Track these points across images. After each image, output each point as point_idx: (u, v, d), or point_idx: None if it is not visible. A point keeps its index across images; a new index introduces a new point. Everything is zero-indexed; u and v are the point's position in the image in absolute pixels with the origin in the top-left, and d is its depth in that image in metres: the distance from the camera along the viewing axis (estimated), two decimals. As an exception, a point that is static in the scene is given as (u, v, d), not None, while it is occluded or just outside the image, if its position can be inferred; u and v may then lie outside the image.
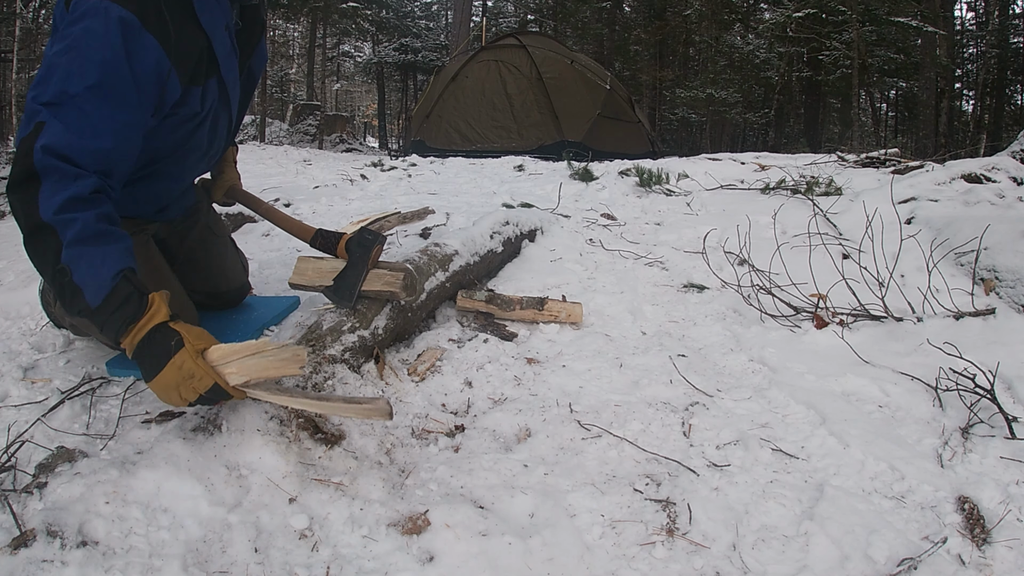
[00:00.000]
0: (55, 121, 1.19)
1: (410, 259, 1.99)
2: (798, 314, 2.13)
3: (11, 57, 11.67)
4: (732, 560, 1.15)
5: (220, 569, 1.06)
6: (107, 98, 1.23)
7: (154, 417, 1.52)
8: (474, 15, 15.77)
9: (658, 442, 1.47)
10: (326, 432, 1.36)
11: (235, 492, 1.18)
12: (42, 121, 1.19)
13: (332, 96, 26.36)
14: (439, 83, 8.93)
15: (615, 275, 2.50)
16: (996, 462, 1.37)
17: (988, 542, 1.17)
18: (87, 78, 1.21)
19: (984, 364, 1.64)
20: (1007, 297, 2.13)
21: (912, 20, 10.64)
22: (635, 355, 1.89)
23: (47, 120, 1.19)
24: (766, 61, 14.44)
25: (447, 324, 2.03)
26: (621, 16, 17.04)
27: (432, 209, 3.22)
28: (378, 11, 16.94)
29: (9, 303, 2.14)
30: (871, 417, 1.57)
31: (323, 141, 14.17)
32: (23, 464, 1.30)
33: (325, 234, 1.79)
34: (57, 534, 1.04)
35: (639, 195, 3.82)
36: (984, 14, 17.36)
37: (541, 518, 1.21)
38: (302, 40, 21.60)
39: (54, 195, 1.17)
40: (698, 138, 16.27)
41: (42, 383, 1.68)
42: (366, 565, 1.10)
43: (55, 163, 1.18)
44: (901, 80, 16.23)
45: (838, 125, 18.59)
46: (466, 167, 5.56)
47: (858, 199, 3.00)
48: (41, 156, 1.17)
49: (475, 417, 1.57)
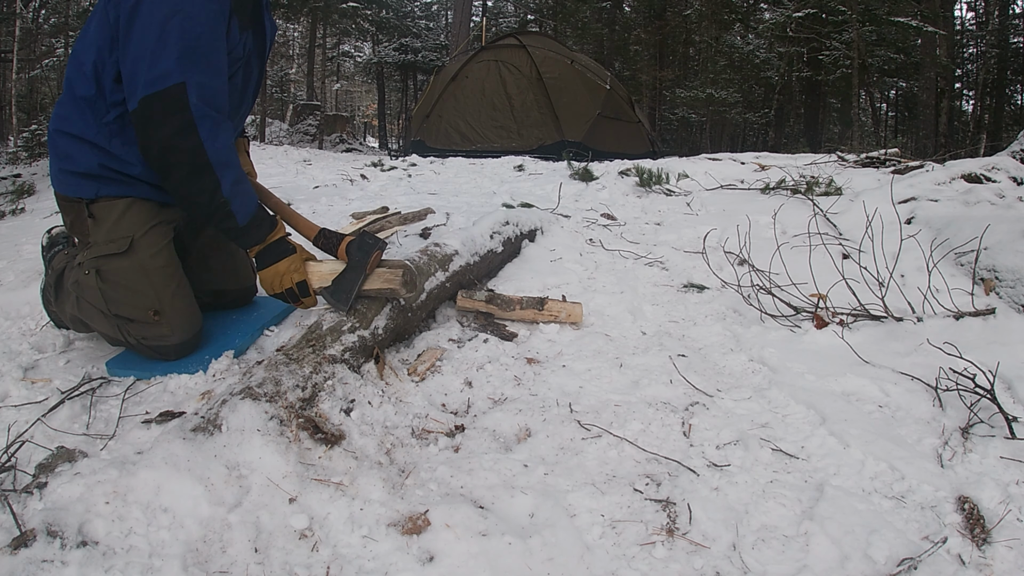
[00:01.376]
0: (195, 74, 1.45)
1: (410, 259, 1.99)
2: (798, 314, 2.13)
3: (11, 57, 11.67)
4: (732, 560, 1.15)
5: (220, 569, 1.06)
6: (219, 48, 1.51)
7: (154, 417, 1.52)
8: (474, 15, 15.78)
9: (658, 442, 1.47)
10: (326, 432, 1.36)
11: (235, 492, 1.18)
12: (183, 82, 1.44)
13: (332, 96, 26.36)
14: (439, 83, 8.93)
15: (615, 275, 2.50)
16: (996, 462, 1.37)
17: (988, 542, 1.17)
18: (203, 35, 1.46)
19: (984, 364, 1.64)
20: (1007, 297, 2.13)
21: (912, 20, 10.64)
22: (635, 355, 1.89)
23: (188, 77, 1.44)
24: (766, 61, 14.44)
25: (447, 324, 2.03)
26: (621, 16, 17.03)
27: (432, 209, 3.22)
28: (378, 11, 16.93)
29: (9, 303, 2.14)
30: (871, 417, 1.57)
31: (323, 141, 14.18)
32: (23, 464, 1.30)
33: (328, 234, 1.79)
34: (57, 534, 1.04)
35: (639, 195, 3.82)
36: (984, 14, 17.36)
37: (541, 518, 1.21)
38: (302, 40, 21.59)
39: (216, 140, 1.50)
40: (698, 138, 16.27)
41: (42, 383, 1.68)
42: (366, 565, 1.10)
43: (207, 111, 1.48)
44: (901, 80, 16.25)
45: (838, 125, 18.59)
46: (466, 167, 5.56)
47: (858, 199, 3.01)
48: (199, 105, 1.46)
49: (475, 417, 1.57)
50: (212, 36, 1.49)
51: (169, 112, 1.45)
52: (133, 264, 1.67)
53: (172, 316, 1.69)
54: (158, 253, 1.70)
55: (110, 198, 1.67)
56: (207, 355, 1.77)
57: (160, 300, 1.68)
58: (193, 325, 1.75)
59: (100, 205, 1.68)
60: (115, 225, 1.67)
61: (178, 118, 1.45)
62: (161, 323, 1.68)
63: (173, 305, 1.70)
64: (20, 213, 4.81)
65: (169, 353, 1.72)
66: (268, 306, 2.10)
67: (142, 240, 1.68)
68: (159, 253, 1.70)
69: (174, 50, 1.43)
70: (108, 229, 1.67)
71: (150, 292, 1.68)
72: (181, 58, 1.44)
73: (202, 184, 1.52)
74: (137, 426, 1.50)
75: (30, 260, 2.54)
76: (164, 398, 1.62)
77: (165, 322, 1.68)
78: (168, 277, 1.71)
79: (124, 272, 1.67)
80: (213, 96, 1.51)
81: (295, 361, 1.48)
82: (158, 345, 1.71)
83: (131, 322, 1.69)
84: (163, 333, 1.69)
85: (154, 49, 1.43)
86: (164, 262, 1.71)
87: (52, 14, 13.54)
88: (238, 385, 1.38)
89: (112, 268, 1.67)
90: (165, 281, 1.70)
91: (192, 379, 1.69)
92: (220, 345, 1.83)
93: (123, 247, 1.66)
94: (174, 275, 1.73)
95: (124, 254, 1.67)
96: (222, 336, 1.89)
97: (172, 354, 1.73)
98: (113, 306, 1.68)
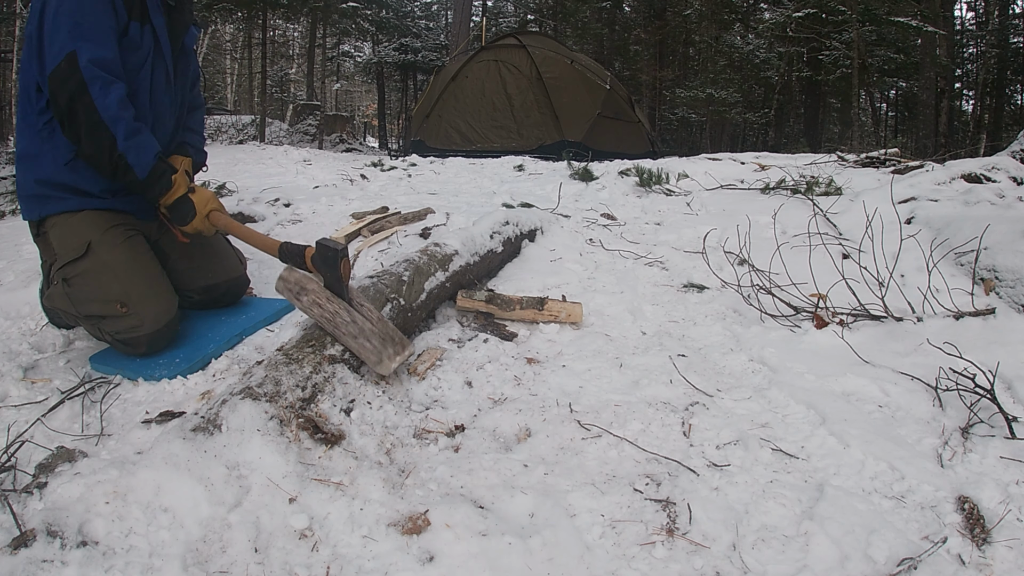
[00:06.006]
0: (84, 43, 1.58)
1: (410, 259, 1.99)
2: (798, 314, 2.13)
3: (11, 57, 11.67)
4: (732, 560, 1.15)
5: (220, 569, 1.06)
6: (105, 24, 1.63)
7: (154, 417, 1.52)
8: (474, 15, 15.76)
9: (658, 442, 1.47)
10: (326, 432, 1.36)
11: (235, 492, 1.18)
12: (74, 50, 1.57)
13: (332, 96, 26.34)
14: (439, 83, 8.92)
15: (615, 275, 2.50)
16: (996, 462, 1.37)
17: (988, 542, 1.17)
18: (87, 10, 1.60)
19: (984, 364, 1.64)
20: (1007, 297, 2.12)
21: (912, 20, 10.63)
22: (635, 355, 1.89)
23: (78, 46, 1.57)
24: (766, 61, 14.43)
25: (447, 324, 2.03)
26: (621, 16, 17.01)
27: (432, 209, 3.22)
28: (378, 11, 16.92)
29: (9, 303, 2.14)
30: (871, 417, 1.57)
31: (323, 141, 14.17)
32: (23, 464, 1.30)
33: (290, 247, 1.70)
34: (57, 534, 1.04)
35: (639, 195, 3.82)
36: (984, 14, 17.35)
37: (541, 518, 1.21)
38: (302, 40, 21.58)
39: (106, 98, 1.60)
40: (698, 138, 16.27)
41: (42, 383, 1.68)
42: (366, 565, 1.10)
43: (99, 72, 1.60)
44: (901, 80, 16.23)
45: (838, 125, 18.58)
46: (466, 167, 5.56)
47: (858, 199, 3.00)
48: (88, 67, 1.58)
49: (475, 417, 1.57)
50: (96, 12, 1.63)
51: (65, 78, 1.58)
52: (94, 262, 1.73)
53: (139, 306, 1.71)
54: (119, 249, 1.75)
55: (55, 216, 1.77)
56: (177, 358, 1.75)
57: (126, 292, 1.71)
58: (164, 315, 1.75)
59: (52, 224, 1.78)
60: (72, 235, 1.75)
61: (72, 81, 1.58)
62: (130, 314, 1.70)
63: (140, 295, 1.72)
64: (20, 213, 4.80)
65: (140, 345, 1.73)
66: (259, 308, 2.08)
67: (100, 240, 1.74)
68: (120, 249, 1.75)
69: (64, 27, 1.59)
70: (66, 241, 1.75)
71: (114, 285, 1.71)
72: (71, 31, 1.59)
73: (100, 141, 1.62)
74: (137, 426, 1.50)
75: (30, 260, 2.54)
76: (164, 398, 1.62)
77: (133, 313, 1.70)
78: (132, 270, 1.74)
79: (86, 272, 1.72)
80: (103, 62, 1.63)
81: (295, 361, 1.48)
82: (129, 338, 1.72)
83: (103, 319, 1.72)
84: (133, 324, 1.71)
85: (51, 33, 1.60)
86: (126, 256, 1.75)
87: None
88: (238, 385, 1.39)
89: (75, 272, 1.73)
90: (129, 274, 1.73)
91: (193, 379, 1.69)
92: (193, 349, 1.79)
93: (81, 251, 1.73)
94: (139, 268, 1.76)
95: (83, 257, 1.73)
96: (216, 336, 1.88)
97: (143, 346, 1.73)
98: (81, 306, 1.72)
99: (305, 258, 1.65)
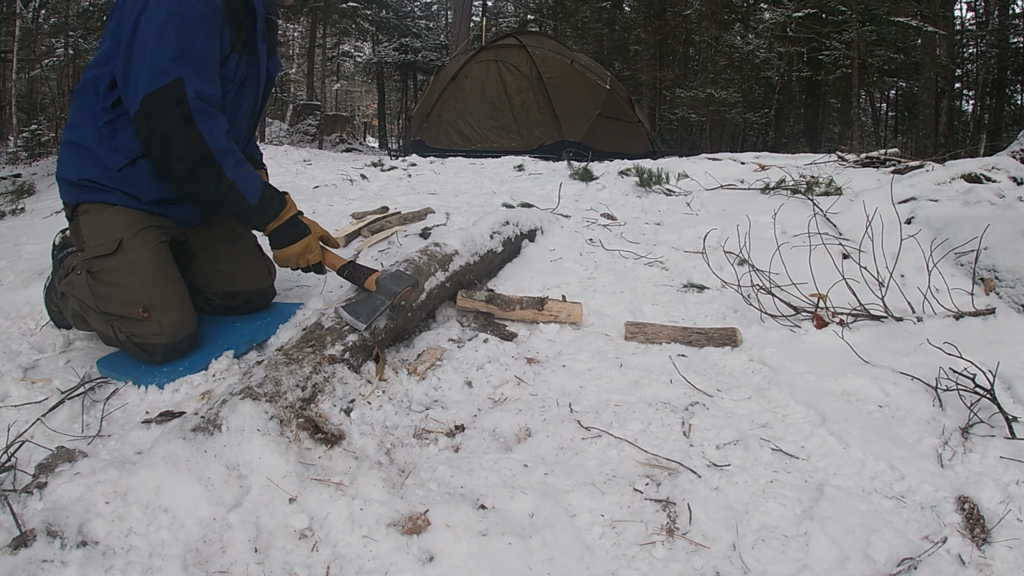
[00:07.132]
0: (191, 73, 1.54)
1: (410, 259, 1.99)
2: (798, 314, 2.13)
3: (11, 57, 11.68)
4: (732, 560, 1.15)
5: (220, 569, 1.06)
6: (211, 51, 1.59)
7: (154, 417, 1.52)
8: (474, 15, 15.77)
9: (658, 442, 1.47)
10: (326, 432, 1.36)
11: (235, 492, 1.18)
12: (181, 77, 1.52)
13: (332, 96, 26.35)
14: (439, 83, 8.93)
15: (615, 275, 2.50)
16: (996, 462, 1.37)
17: (988, 542, 1.17)
18: (197, 38, 1.55)
19: (984, 364, 1.64)
20: (1007, 297, 2.12)
21: (912, 20, 10.64)
22: (635, 355, 1.89)
23: (184, 74, 1.52)
24: (766, 61, 14.43)
25: (447, 324, 2.03)
26: (621, 16, 17.02)
27: (432, 209, 3.22)
28: (378, 11, 16.93)
29: (9, 303, 2.14)
30: (871, 417, 1.57)
31: (323, 141, 14.17)
32: (23, 464, 1.30)
33: (356, 267, 1.81)
34: (57, 534, 1.04)
35: (639, 195, 3.82)
36: (984, 14, 17.36)
37: (541, 518, 1.21)
38: (302, 40, 21.59)
39: (214, 130, 1.58)
40: (698, 138, 16.28)
41: (42, 383, 1.68)
42: (366, 565, 1.10)
43: (203, 105, 1.56)
44: (901, 80, 16.25)
45: (838, 125, 18.59)
46: (466, 167, 5.56)
47: (858, 199, 3.00)
48: (195, 100, 1.54)
49: (475, 417, 1.57)
50: (205, 39, 1.58)
51: (169, 106, 1.52)
52: (123, 262, 1.70)
53: (162, 314, 1.69)
54: (148, 252, 1.73)
55: (90, 204, 1.74)
56: (181, 367, 1.72)
57: (150, 297, 1.68)
58: (184, 328, 1.72)
59: (84, 210, 1.75)
60: (104, 229, 1.72)
61: (177, 111, 1.53)
62: (151, 320, 1.68)
63: (164, 303, 1.69)
64: (20, 213, 4.81)
65: (157, 353, 1.70)
66: (273, 315, 2.01)
67: (131, 241, 1.72)
68: (149, 252, 1.73)
69: (171, 50, 1.52)
70: (97, 233, 1.72)
71: (140, 288, 1.69)
72: (177, 57, 1.52)
73: (206, 173, 1.59)
74: (137, 426, 1.50)
75: (30, 260, 2.54)
76: (164, 398, 1.62)
77: (155, 320, 1.68)
78: (159, 276, 1.72)
79: (113, 270, 1.70)
80: (210, 98, 1.59)
81: (295, 361, 1.48)
82: (146, 343, 1.69)
83: (121, 319, 1.70)
84: (152, 331, 1.68)
85: (153, 51, 1.52)
86: (154, 261, 1.73)
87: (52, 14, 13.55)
88: (238, 385, 1.39)
89: (102, 267, 1.71)
90: (155, 279, 1.71)
91: (193, 379, 1.69)
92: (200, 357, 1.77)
93: (112, 248, 1.71)
94: (165, 275, 1.74)
95: (113, 254, 1.71)
96: (225, 341, 1.84)
97: (159, 355, 1.71)
98: (103, 303, 1.70)
99: (370, 277, 1.78)
